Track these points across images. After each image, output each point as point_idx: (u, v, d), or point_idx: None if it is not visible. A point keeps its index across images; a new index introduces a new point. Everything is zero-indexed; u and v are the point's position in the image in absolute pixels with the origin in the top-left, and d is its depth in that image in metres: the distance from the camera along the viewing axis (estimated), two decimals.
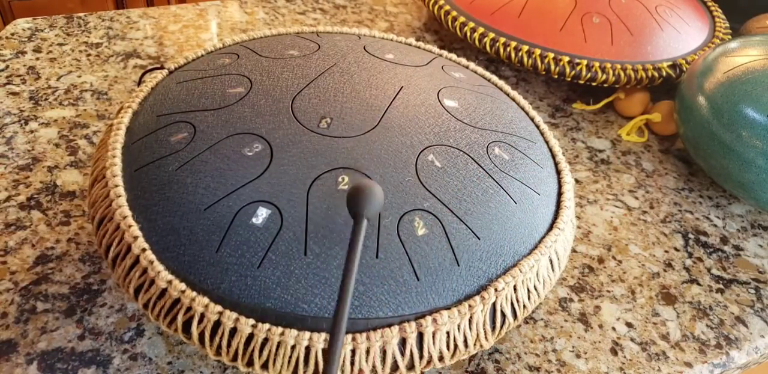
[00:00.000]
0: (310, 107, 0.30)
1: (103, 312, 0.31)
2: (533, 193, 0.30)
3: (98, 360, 0.29)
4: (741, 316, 0.36)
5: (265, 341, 0.24)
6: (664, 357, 0.33)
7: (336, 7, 0.60)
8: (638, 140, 0.48)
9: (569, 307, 0.35)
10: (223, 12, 0.58)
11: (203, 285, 0.24)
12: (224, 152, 0.27)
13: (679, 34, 0.50)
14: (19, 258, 0.33)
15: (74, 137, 0.41)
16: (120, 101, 0.45)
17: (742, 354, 0.34)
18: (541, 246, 0.28)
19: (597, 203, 0.42)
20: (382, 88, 0.32)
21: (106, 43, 0.51)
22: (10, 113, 0.42)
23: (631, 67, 0.47)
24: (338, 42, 0.36)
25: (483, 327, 0.26)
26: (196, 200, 0.26)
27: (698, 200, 0.44)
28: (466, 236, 0.27)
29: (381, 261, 0.25)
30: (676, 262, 0.39)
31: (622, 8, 0.50)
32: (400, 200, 0.27)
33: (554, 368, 0.31)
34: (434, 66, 0.36)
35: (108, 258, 0.26)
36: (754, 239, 0.41)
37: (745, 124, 0.38)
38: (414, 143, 0.29)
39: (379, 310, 0.24)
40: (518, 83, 0.53)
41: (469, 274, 0.26)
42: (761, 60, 0.40)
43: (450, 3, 0.52)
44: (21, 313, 0.30)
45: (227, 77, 0.32)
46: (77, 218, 0.36)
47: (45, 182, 0.38)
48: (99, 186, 0.28)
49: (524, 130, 0.34)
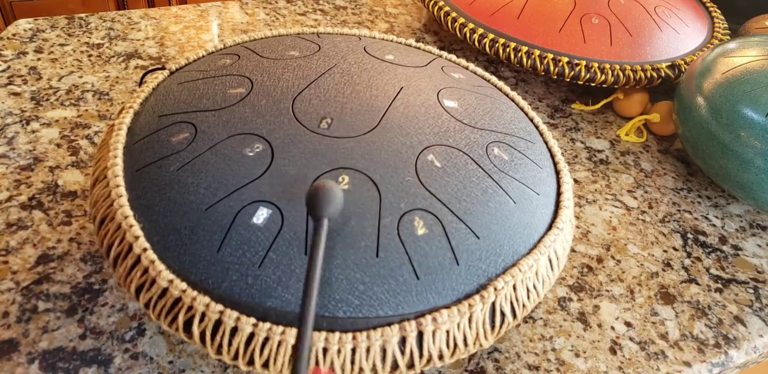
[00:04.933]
0: (310, 107, 0.30)
1: (105, 312, 0.31)
2: (532, 193, 0.30)
3: (99, 359, 0.29)
4: (740, 316, 0.36)
5: (266, 340, 0.24)
6: (663, 356, 0.33)
7: (336, 8, 0.61)
8: (637, 140, 0.49)
9: (568, 306, 0.35)
10: (224, 13, 0.58)
11: (204, 285, 0.25)
12: (225, 152, 0.28)
13: (677, 34, 0.51)
14: (21, 258, 0.33)
15: (75, 137, 0.41)
16: (121, 101, 0.45)
17: (740, 353, 0.34)
18: (541, 246, 0.29)
19: (596, 203, 0.42)
20: (382, 89, 0.32)
21: (108, 43, 0.51)
22: (12, 113, 0.42)
23: (630, 68, 0.47)
24: (339, 43, 0.36)
25: (482, 326, 0.26)
26: (197, 200, 0.26)
27: (697, 200, 0.44)
28: (466, 236, 0.27)
29: (381, 261, 0.25)
30: (675, 262, 0.39)
31: (621, 9, 0.50)
32: (400, 200, 0.27)
33: (553, 367, 0.31)
34: (434, 67, 0.36)
35: (109, 258, 0.27)
36: (753, 239, 0.41)
37: (743, 124, 0.38)
38: (414, 143, 0.29)
39: (379, 309, 0.25)
40: (517, 84, 0.53)
41: (469, 273, 0.26)
42: (760, 61, 0.40)
43: (450, 4, 0.53)
44: (22, 312, 0.31)
45: (228, 78, 0.32)
46: (78, 218, 0.36)
47: (46, 182, 0.38)
48: (100, 186, 0.28)
49: (523, 130, 0.34)
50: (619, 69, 0.47)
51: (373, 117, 0.30)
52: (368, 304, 0.25)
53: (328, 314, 0.24)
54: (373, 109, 0.30)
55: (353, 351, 0.24)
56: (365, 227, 0.26)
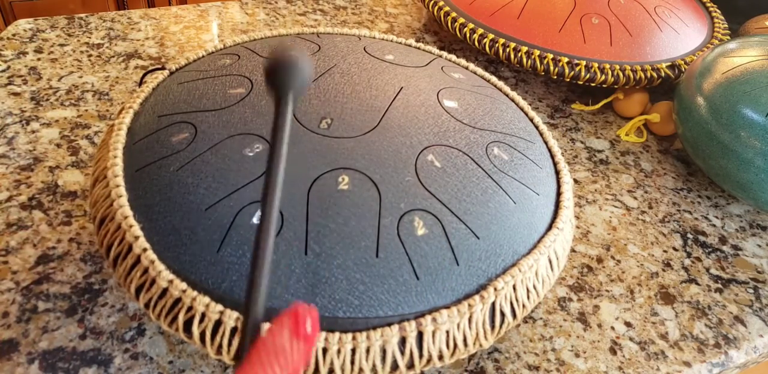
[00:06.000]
0: (310, 107, 0.30)
1: (105, 312, 0.31)
2: (532, 193, 0.30)
3: (99, 359, 0.29)
4: (740, 316, 0.36)
5: None
6: (663, 356, 0.33)
7: (336, 8, 0.61)
8: (637, 140, 0.49)
9: (568, 307, 0.35)
10: (224, 13, 0.58)
11: (204, 285, 0.25)
12: (225, 152, 0.28)
13: (677, 34, 0.51)
14: (21, 258, 0.33)
15: (75, 137, 0.41)
16: (121, 101, 0.45)
17: (740, 353, 0.34)
18: (540, 246, 0.29)
19: (596, 203, 0.42)
20: (382, 89, 0.32)
21: (108, 43, 0.51)
22: (12, 114, 0.42)
23: (629, 68, 0.47)
24: (338, 43, 0.36)
25: (482, 327, 0.26)
26: (197, 200, 0.26)
27: (697, 200, 0.44)
28: (466, 236, 0.27)
29: (381, 261, 0.25)
30: (675, 262, 0.39)
31: (621, 9, 0.50)
32: (400, 200, 0.27)
33: (553, 367, 0.31)
34: (434, 67, 0.36)
35: (109, 258, 0.27)
36: (753, 239, 0.41)
37: (743, 124, 0.38)
38: (414, 144, 0.29)
39: (379, 309, 0.25)
40: (517, 84, 0.53)
41: (469, 273, 0.26)
42: (760, 61, 0.40)
43: (450, 4, 0.53)
44: (22, 313, 0.31)
45: (228, 78, 0.32)
46: (78, 218, 0.36)
47: (46, 182, 0.38)
48: (100, 186, 0.28)
49: (523, 130, 0.34)
50: (619, 69, 0.47)
51: (373, 117, 0.30)
52: (368, 304, 0.25)
53: (328, 314, 0.24)
54: (373, 109, 0.30)
55: (353, 351, 0.24)
56: (365, 228, 0.26)
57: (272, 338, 0.18)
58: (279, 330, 0.18)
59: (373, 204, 0.26)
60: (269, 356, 0.17)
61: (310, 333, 0.18)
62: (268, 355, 0.17)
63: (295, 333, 0.18)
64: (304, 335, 0.18)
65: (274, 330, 0.18)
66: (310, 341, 0.18)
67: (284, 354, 0.18)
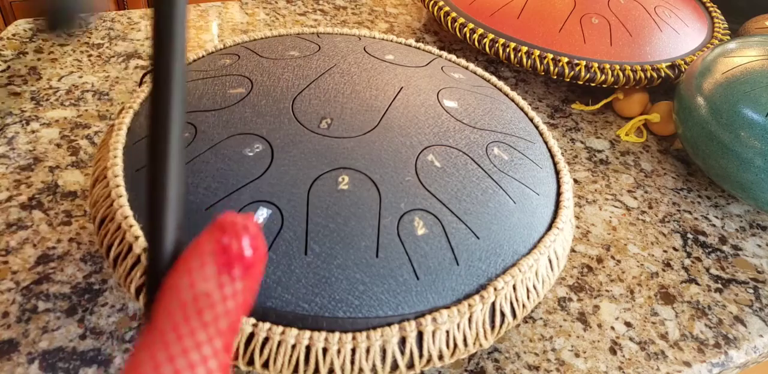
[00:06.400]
0: (310, 107, 0.30)
1: (105, 312, 0.31)
2: (532, 193, 0.30)
3: (99, 359, 0.29)
4: (740, 316, 0.36)
5: (265, 340, 0.24)
6: (663, 356, 0.33)
7: (336, 8, 0.61)
8: (637, 140, 0.49)
9: (568, 306, 0.35)
10: (224, 13, 0.58)
11: None
12: (225, 152, 0.28)
13: (677, 34, 0.51)
14: (21, 258, 0.33)
15: (75, 137, 0.41)
16: (121, 101, 0.45)
17: (740, 353, 0.34)
18: (540, 246, 0.29)
19: (596, 203, 0.42)
20: (382, 89, 0.32)
21: (108, 43, 0.51)
22: (12, 114, 0.42)
23: (629, 68, 0.47)
24: (338, 43, 0.36)
25: (482, 326, 0.26)
26: (197, 200, 0.26)
27: (697, 200, 0.44)
28: (466, 236, 0.27)
29: (381, 261, 0.25)
30: (675, 262, 0.39)
31: (621, 9, 0.50)
32: (400, 200, 0.27)
33: (553, 367, 0.31)
34: (434, 67, 0.36)
35: (109, 258, 0.27)
36: (753, 239, 0.41)
37: (743, 124, 0.38)
38: (414, 144, 0.29)
39: (379, 309, 0.25)
40: (517, 84, 0.53)
41: (469, 273, 0.26)
42: (760, 61, 0.40)
43: (450, 4, 0.53)
44: (22, 312, 0.31)
45: (228, 78, 0.32)
46: (78, 218, 0.36)
47: (46, 182, 0.38)
48: (100, 186, 0.28)
49: (523, 130, 0.34)
50: (619, 69, 0.47)
51: (373, 117, 0.30)
52: (368, 304, 0.25)
53: (328, 314, 0.24)
54: (373, 109, 0.30)
55: (353, 351, 0.24)
56: (365, 228, 0.26)
57: (186, 280, 0.10)
58: (196, 264, 0.11)
59: (373, 204, 0.26)
60: (183, 311, 0.10)
61: (251, 258, 0.11)
62: (183, 310, 0.10)
63: (224, 265, 0.11)
64: (241, 264, 0.11)
65: (189, 264, 0.11)
66: (253, 271, 0.11)
67: (209, 305, 0.10)
